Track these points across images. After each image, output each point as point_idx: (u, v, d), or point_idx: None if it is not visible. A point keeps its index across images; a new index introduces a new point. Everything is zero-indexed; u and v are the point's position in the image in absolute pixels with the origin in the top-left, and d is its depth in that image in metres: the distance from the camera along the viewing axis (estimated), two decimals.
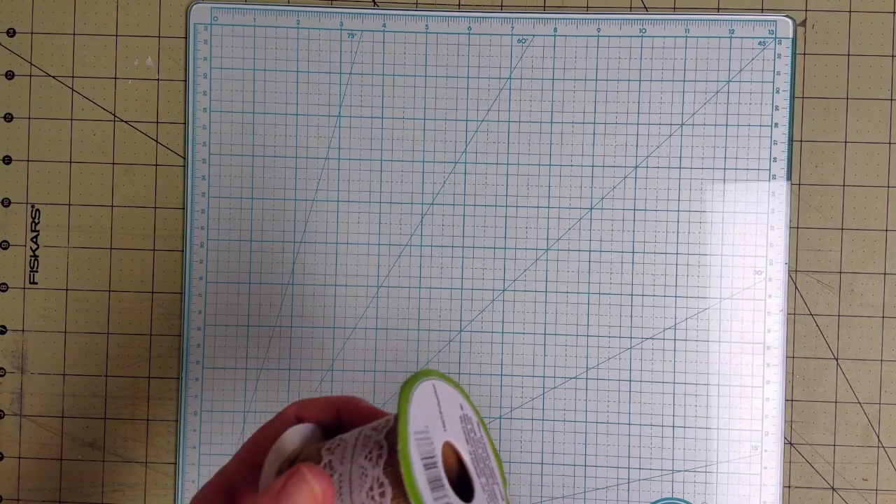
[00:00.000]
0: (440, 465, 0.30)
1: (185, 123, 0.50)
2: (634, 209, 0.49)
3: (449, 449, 0.32)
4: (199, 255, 0.50)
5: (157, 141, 0.50)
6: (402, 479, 0.27)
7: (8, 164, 0.50)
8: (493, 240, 0.49)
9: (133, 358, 0.50)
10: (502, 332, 0.49)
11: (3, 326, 0.50)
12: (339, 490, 0.29)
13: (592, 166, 0.49)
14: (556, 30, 0.49)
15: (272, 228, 0.50)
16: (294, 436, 0.32)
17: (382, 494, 0.28)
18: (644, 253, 0.49)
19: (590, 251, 0.49)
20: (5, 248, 0.50)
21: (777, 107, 0.49)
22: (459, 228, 0.50)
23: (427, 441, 0.30)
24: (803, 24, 0.49)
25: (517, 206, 0.49)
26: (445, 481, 0.30)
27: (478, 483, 0.32)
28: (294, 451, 0.32)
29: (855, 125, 0.49)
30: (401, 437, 0.28)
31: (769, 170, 0.49)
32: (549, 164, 0.49)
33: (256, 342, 0.50)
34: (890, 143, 0.49)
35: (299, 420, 0.33)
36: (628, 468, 0.49)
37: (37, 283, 0.50)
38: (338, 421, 0.34)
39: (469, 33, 0.49)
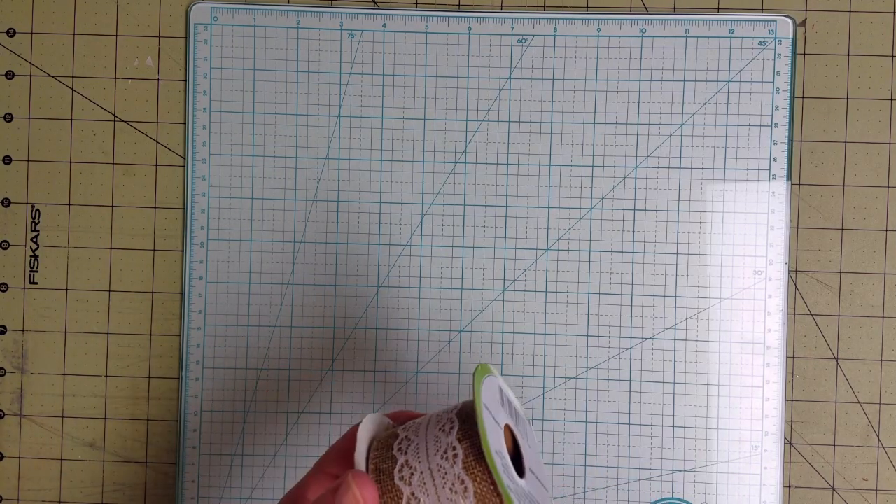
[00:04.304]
0: (506, 452, 0.33)
1: (185, 123, 0.50)
2: (634, 209, 0.49)
3: (507, 431, 0.34)
4: (199, 255, 0.50)
5: (157, 141, 0.50)
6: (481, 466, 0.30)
7: (8, 164, 0.50)
8: (493, 240, 0.49)
9: (133, 358, 0.50)
10: (502, 332, 0.49)
11: (3, 326, 0.50)
12: (418, 459, 0.31)
13: (592, 166, 0.49)
14: (556, 30, 0.49)
15: (272, 228, 0.50)
16: (369, 423, 0.34)
17: (463, 485, 0.30)
18: (644, 253, 0.49)
19: (590, 251, 0.49)
20: (5, 248, 0.50)
21: (777, 107, 0.49)
22: (459, 228, 0.50)
23: (495, 427, 0.32)
24: (803, 24, 0.49)
25: (517, 206, 0.49)
26: (512, 469, 0.32)
27: (526, 460, 0.34)
28: (373, 437, 0.34)
29: (855, 125, 0.49)
30: (481, 430, 0.30)
31: (769, 170, 0.49)
32: (549, 164, 0.49)
33: (256, 342, 0.50)
34: (890, 143, 0.49)
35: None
36: (628, 468, 0.49)
37: (37, 283, 0.50)
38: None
39: (469, 33, 0.49)
